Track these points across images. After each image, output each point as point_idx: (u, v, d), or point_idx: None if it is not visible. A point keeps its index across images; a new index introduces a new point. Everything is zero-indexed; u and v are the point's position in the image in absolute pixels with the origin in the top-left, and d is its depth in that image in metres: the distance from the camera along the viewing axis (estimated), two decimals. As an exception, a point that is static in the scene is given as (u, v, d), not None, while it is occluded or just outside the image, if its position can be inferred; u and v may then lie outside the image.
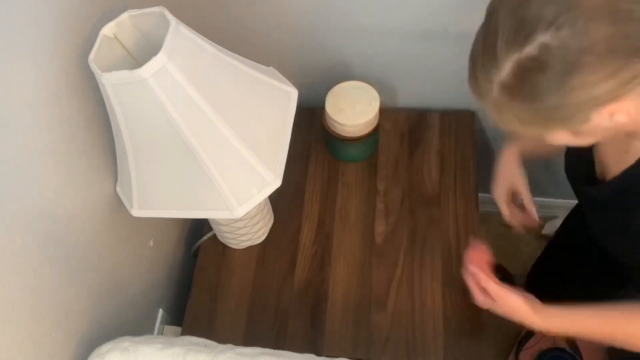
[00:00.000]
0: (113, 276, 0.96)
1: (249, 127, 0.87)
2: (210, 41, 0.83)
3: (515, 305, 0.91)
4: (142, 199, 0.90)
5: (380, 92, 1.18)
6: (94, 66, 0.75)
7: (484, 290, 0.95)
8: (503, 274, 1.74)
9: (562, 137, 0.69)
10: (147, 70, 0.72)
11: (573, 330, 0.92)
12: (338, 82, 1.19)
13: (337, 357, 0.85)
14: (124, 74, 0.72)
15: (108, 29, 0.79)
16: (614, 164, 0.81)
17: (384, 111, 1.25)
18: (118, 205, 0.95)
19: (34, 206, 0.73)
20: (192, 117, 0.78)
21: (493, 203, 1.07)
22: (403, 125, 1.32)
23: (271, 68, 0.98)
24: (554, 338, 1.64)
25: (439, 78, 1.26)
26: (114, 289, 0.97)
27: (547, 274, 1.49)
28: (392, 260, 1.15)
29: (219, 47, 0.85)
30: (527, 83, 0.60)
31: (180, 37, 0.76)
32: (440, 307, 1.10)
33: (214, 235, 1.22)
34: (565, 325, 0.91)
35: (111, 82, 0.74)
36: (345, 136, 1.19)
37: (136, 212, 0.92)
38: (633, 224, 0.75)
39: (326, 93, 1.18)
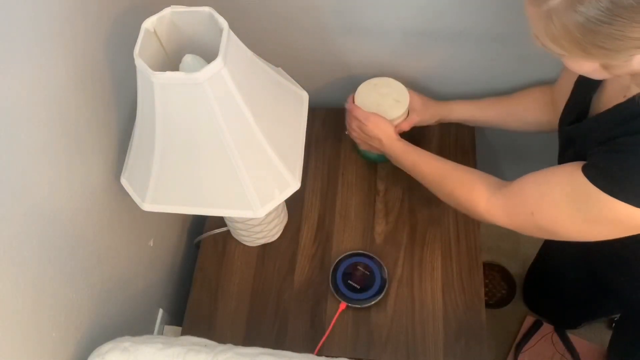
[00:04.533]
0: (113, 276, 0.96)
1: (277, 131, 0.87)
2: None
3: (382, 124, 1.06)
4: (158, 194, 0.89)
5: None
6: (142, 63, 0.73)
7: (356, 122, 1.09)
8: (503, 274, 1.76)
9: (588, 67, 0.68)
10: (204, 74, 0.71)
11: (414, 168, 1.03)
12: (337, 82, 1.19)
13: (337, 357, 0.84)
14: (179, 75, 0.71)
15: (150, 23, 0.78)
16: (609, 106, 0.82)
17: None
18: (118, 206, 0.95)
19: (33, 206, 0.72)
20: (234, 121, 0.78)
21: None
22: (403, 125, 1.32)
23: (279, 69, 0.98)
24: (553, 343, 1.64)
25: (438, 78, 1.26)
26: (114, 289, 0.97)
27: (545, 274, 1.50)
28: (392, 260, 1.15)
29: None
30: None
31: (231, 41, 0.75)
32: (440, 307, 1.10)
33: (214, 235, 1.22)
34: (411, 158, 1.03)
35: (161, 81, 0.73)
36: None
37: (148, 207, 0.90)
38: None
39: (326, 93, 1.18)
